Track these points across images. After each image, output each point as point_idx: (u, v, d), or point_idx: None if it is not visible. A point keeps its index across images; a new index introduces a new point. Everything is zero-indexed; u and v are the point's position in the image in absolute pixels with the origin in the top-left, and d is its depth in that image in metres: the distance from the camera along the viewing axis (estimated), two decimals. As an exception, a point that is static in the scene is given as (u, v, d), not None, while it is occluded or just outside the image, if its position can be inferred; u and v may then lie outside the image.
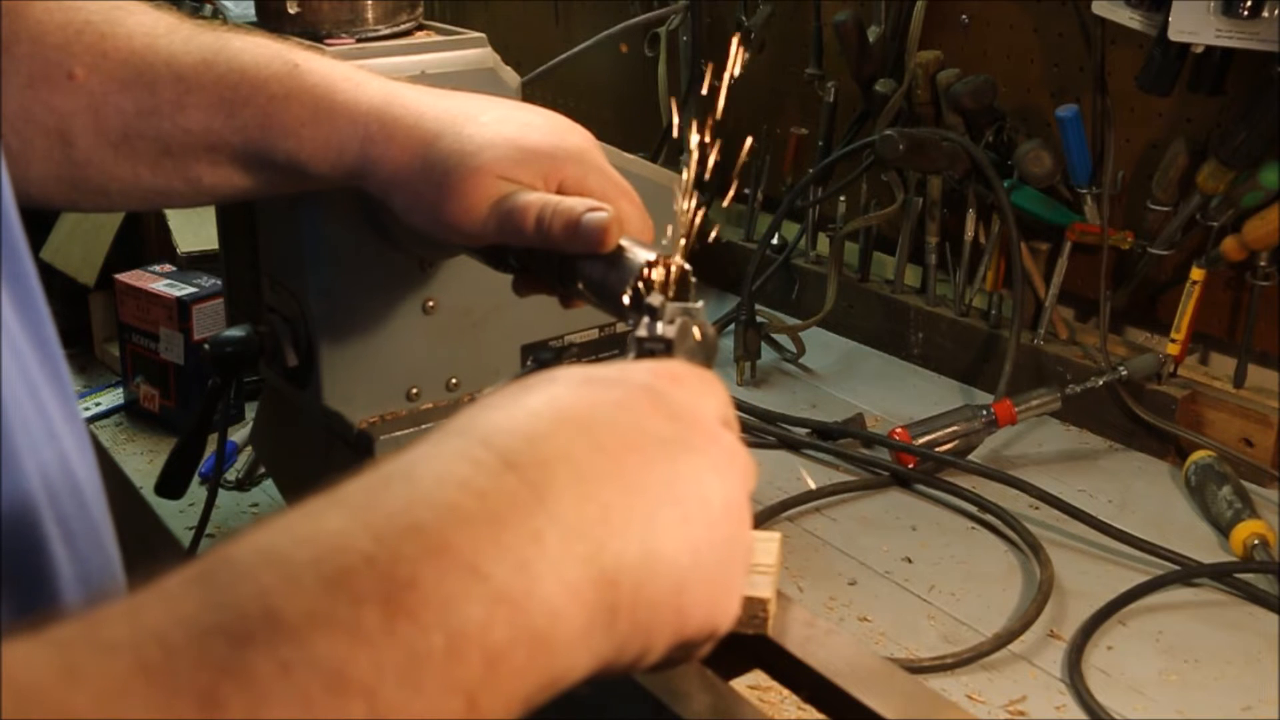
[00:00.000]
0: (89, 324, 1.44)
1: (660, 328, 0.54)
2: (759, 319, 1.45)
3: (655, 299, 0.57)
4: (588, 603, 0.39)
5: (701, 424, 0.46)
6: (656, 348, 0.53)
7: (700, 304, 0.58)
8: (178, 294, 1.24)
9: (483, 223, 0.70)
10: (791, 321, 1.50)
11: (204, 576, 0.34)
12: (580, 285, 0.69)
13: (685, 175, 0.61)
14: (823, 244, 1.57)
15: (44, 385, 0.43)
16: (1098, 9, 1.24)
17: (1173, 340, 1.27)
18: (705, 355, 0.56)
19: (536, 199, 0.69)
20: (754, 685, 0.83)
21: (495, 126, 0.72)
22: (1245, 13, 1.10)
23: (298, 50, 0.75)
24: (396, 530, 0.36)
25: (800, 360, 1.47)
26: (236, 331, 0.91)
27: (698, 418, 0.46)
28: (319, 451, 0.94)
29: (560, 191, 0.70)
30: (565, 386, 0.44)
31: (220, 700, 0.30)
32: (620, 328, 0.99)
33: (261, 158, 0.73)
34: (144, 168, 0.73)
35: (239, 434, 1.22)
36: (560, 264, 0.70)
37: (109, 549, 0.46)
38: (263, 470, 1.19)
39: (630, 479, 0.42)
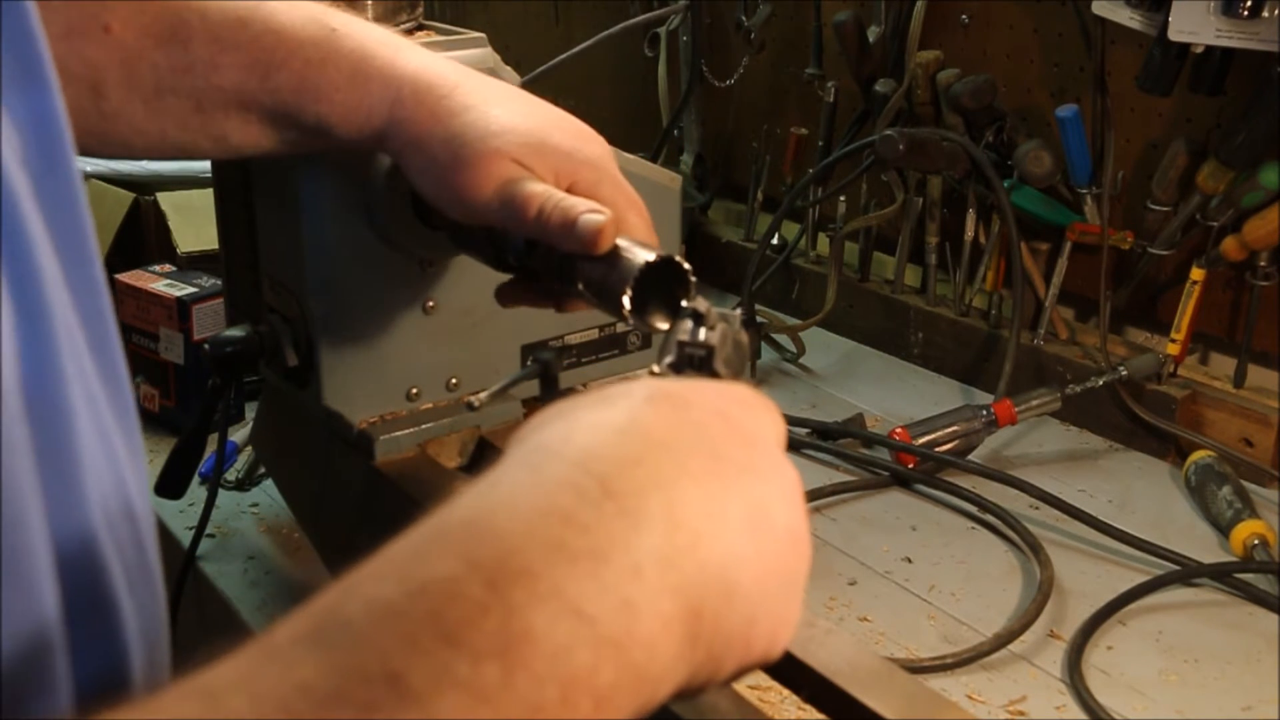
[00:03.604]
0: (89, 324, 1.44)
1: (703, 333, 0.55)
2: (759, 319, 1.45)
3: (701, 304, 0.57)
4: (676, 635, 0.39)
5: (770, 450, 0.46)
6: (698, 353, 0.54)
7: (738, 311, 0.59)
8: (178, 294, 1.24)
9: (486, 200, 0.70)
10: (791, 321, 1.50)
11: (317, 636, 0.33)
12: (580, 285, 0.69)
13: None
14: (823, 244, 1.57)
15: (105, 405, 0.42)
16: (1098, 9, 1.24)
17: (1173, 340, 1.27)
18: (741, 363, 0.56)
19: (542, 190, 0.69)
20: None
21: (522, 116, 0.73)
22: (1245, 13, 1.10)
23: (334, 13, 0.75)
24: (508, 576, 0.35)
25: (800, 360, 1.47)
26: (236, 331, 0.91)
27: (767, 444, 0.46)
28: (319, 451, 0.94)
29: (571, 192, 0.71)
30: (646, 405, 0.44)
31: None
32: (620, 328, 0.99)
33: (290, 119, 0.74)
34: (171, 123, 0.73)
35: (239, 434, 1.22)
36: (560, 263, 0.70)
37: (157, 579, 0.45)
38: (263, 470, 1.19)
39: (714, 505, 0.42)
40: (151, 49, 0.71)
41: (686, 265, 0.66)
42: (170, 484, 0.98)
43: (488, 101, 0.73)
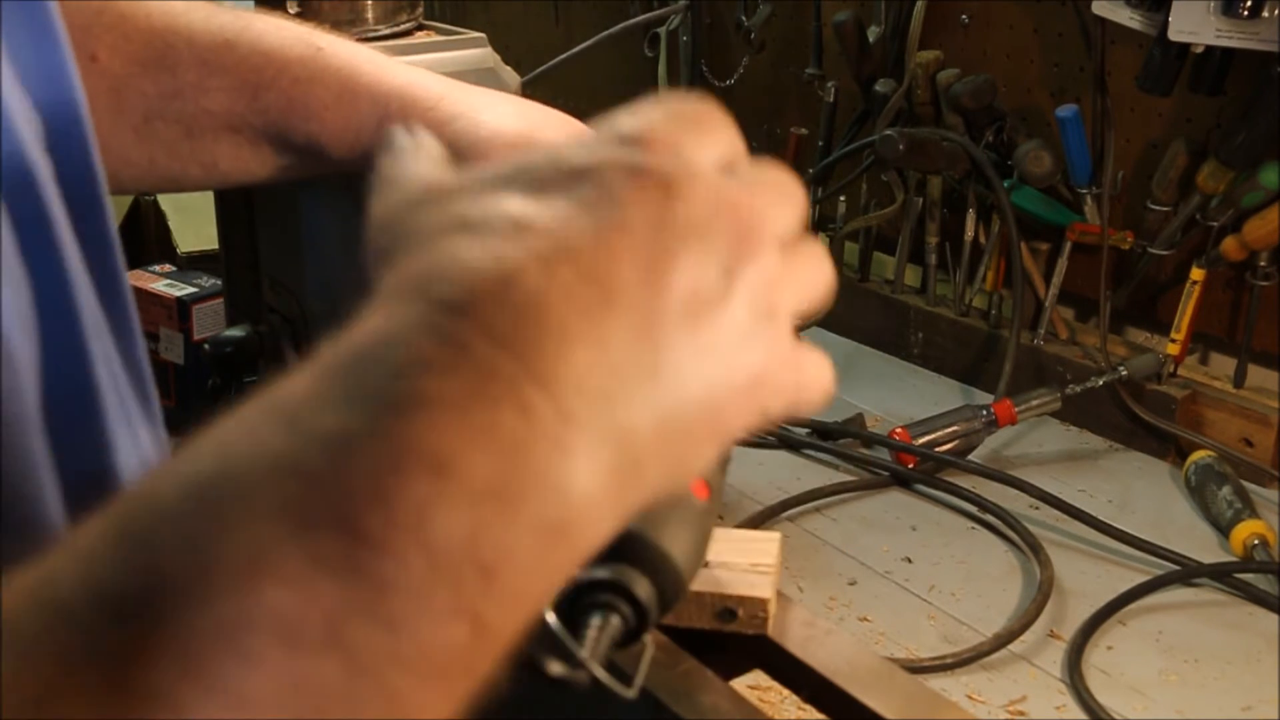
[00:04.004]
0: (89, 324, 1.44)
1: None
2: (759, 319, 1.45)
3: None
4: (604, 465, 0.32)
5: (695, 193, 0.35)
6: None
7: None
8: (178, 294, 1.24)
9: None
10: (791, 321, 1.50)
11: (127, 529, 0.28)
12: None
13: None
14: (822, 244, 1.57)
15: (129, 390, 0.42)
16: (1098, 9, 1.24)
17: (1173, 340, 1.27)
18: None
19: None
20: (754, 685, 0.83)
21: (511, 118, 0.73)
22: (1245, 13, 1.10)
23: (320, 33, 0.75)
24: (349, 443, 0.29)
25: (800, 360, 1.47)
26: (236, 331, 0.91)
27: (688, 184, 0.35)
28: (319, 451, 0.94)
29: None
30: (522, 204, 0.35)
31: (162, 693, 0.25)
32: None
33: (282, 140, 0.74)
34: (161, 151, 0.73)
35: (239, 434, 1.22)
36: None
37: None
38: (263, 470, 1.19)
39: (617, 301, 0.33)
40: (139, 76, 0.70)
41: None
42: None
43: (475, 108, 0.72)
